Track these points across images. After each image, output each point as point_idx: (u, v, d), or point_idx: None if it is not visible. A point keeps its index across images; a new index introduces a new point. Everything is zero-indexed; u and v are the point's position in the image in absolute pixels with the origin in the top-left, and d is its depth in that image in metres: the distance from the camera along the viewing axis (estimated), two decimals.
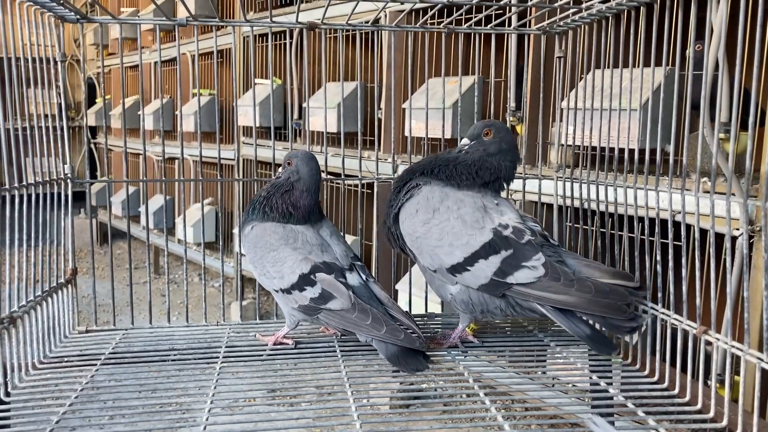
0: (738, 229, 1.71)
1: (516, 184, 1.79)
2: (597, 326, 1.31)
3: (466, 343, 1.49)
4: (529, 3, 1.58)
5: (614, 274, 1.31)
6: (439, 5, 1.57)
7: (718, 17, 1.21)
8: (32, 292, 1.40)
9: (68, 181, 1.57)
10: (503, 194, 1.51)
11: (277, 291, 1.44)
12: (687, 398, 1.23)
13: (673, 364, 1.29)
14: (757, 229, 1.72)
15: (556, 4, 1.52)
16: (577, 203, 1.64)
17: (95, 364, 1.37)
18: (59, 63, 1.54)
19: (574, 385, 1.41)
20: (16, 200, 1.37)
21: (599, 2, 1.44)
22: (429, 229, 1.40)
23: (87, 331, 1.59)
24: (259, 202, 1.49)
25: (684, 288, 1.26)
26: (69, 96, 7.24)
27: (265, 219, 1.47)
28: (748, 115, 1.12)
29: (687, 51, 1.53)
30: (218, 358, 1.42)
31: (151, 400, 1.23)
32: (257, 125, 4.05)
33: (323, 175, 1.84)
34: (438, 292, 1.46)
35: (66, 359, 1.41)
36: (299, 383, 1.32)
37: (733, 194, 1.17)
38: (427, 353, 1.37)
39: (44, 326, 1.43)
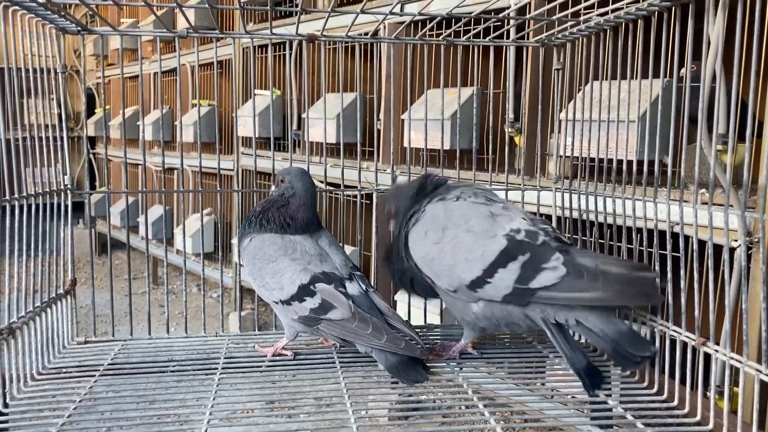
0: (736, 241, 1.71)
1: (515, 195, 1.80)
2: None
3: (464, 354, 1.49)
4: (528, 16, 1.59)
5: (633, 267, 1.26)
6: (438, 18, 1.57)
7: (715, 30, 1.22)
8: (31, 302, 1.40)
9: (68, 191, 1.57)
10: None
11: (276, 302, 1.44)
12: (686, 410, 1.23)
13: (672, 375, 1.29)
14: (755, 240, 1.72)
15: (554, 17, 1.53)
16: (575, 214, 1.65)
17: (94, 375, 1.37)
18: (60, 74, 1.54)
19: (573, 397, 1.41)
20: (16, 211, 1.37)
21: (597, 15, 1.45)
22: (442, 249, 1.35)
23: (86, 342, 1.58)
24: (255, 216, 1.49)
25: (683, 299, 1.26)
26: (68, 106, 7.25)
27: (263, 231, 1.48)
28: (745, 127, 1.13)
29: (683, 70, 1.54)
30: (217, 369, 1.41)
31: (149, 412, 1.23)
32: (256, 136, 4.06)
33: (323, 185, 1.85)
34: (460, 314, 1.39)
35: (64, 370, 1.41)
36: (298, 395, 1.32)
37: (731, 206, 1.17)
38: (427, 364, 1.37)
39: (43, 337, 1.42)
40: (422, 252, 1.38)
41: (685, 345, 1.26)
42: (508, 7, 2.52)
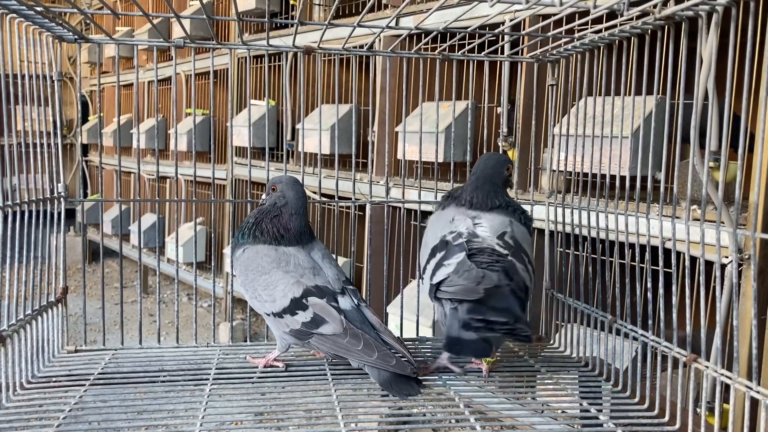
0: (727, 257, 1.72)
1: None
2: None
3: (471, 371, 1.49)
4: (523, 32, 1.60)
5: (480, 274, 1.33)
6: (434, 32, 1.58)
7: (707, 48, 1.24)
8: (22, 310, 1.39)
9: (61, 199, 1.57)
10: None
11: (268, 314, 1.43)
12: (677, 426, 1.23)
13: (663, 391, 1.29)
14: (746, 257, 1.73)
15: (548, 34, 1.55)
16: (568, 229, 1.65)
17: (83, 385, 1.36)
18: (55, 81, 1.54)
19: (564, 411, 1.41)
20: (9, 218, 1.37)
21: (591, 32, 1.46)
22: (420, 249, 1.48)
23: (76, 351, 1.57)
24: (248, 227, 1.49)
25: (674, 315, 1.27)
26: (62, 113, 7.22)
27: (257, 242, 1.47)
28: (737, 143, 1.14)
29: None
30: (208, 379, 1.41)
31: (139, 422, 1.22)
32: (251, 146, 4.05)
33: (317, 196, 1.85)
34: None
35: (54, 379, 1.39)
36: (288, 406, 1.31)
37: (723, 223, 1.18)
38: (420, 378, 1.37)
39: (33, 345, 1.41)
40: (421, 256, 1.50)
41: (676, 360, 1.27)
42: (503, 23, 2.55)
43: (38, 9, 1.30)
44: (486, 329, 1.26)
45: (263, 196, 1.53)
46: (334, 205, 1.78)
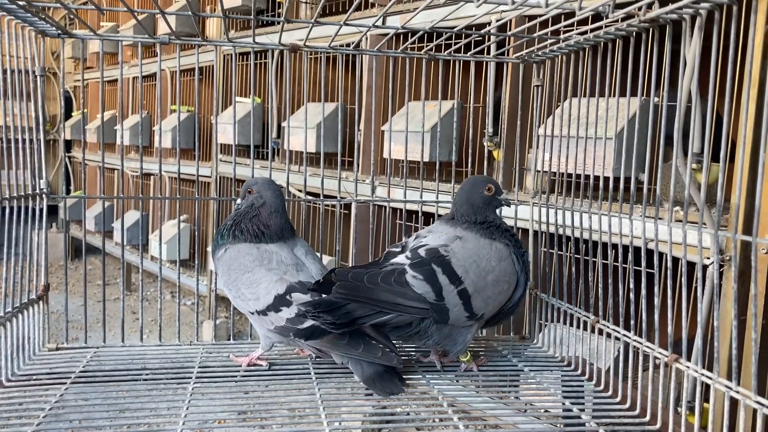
0: (709, 258, 1.74)
1: None
2: None
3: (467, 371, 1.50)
4: (509, 33, 1.61)
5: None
6: (421, 32, 1.59)
7: (691, 51, 1.25)
8: (2, 307, 1.37)
9: (43, 195, 1.55)
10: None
11: (252, 313, 1.43)
12: (658, 425, 1.24)
13: (644, 391, 1.30)
14: (727, 258, 1.75)
15: (534, 35, 1.55)
16: (552, 229, 1.66)
17: (65, 383, 1.35)
18: (38, 77, 1.53)
19: (546, 411, 1.42)
20: None
21: (577, 34, 1.47)
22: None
23: (57, 349, 1.56)
24: (227, 229, 1.49)
25: (656, 316, 1.28)
26: (45, 109, 7.14)
27: (237, 241, 1.47)
28: (719, 147, 1.15)
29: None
30: (191, 378, 1.40)
31: (121, 421, 1.22)
32: (236, 143, 4.03)
33: (302, 195, 1.84)
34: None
35: (35, 377, 1.38)
36: (272, 405, 1.31)
37: (705, 224, 1.19)
38: (403, 376, 1.37)
39: (13, 343, 1.40)
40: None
41: (657, 360, 1.28)
42: (489, 24, 2.55)
43: (21, 3, 1.28)
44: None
45: (238, 200, 1.52)
46: (319, 204, 1.78)
